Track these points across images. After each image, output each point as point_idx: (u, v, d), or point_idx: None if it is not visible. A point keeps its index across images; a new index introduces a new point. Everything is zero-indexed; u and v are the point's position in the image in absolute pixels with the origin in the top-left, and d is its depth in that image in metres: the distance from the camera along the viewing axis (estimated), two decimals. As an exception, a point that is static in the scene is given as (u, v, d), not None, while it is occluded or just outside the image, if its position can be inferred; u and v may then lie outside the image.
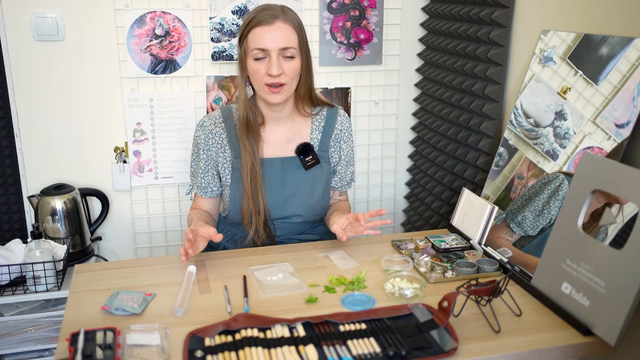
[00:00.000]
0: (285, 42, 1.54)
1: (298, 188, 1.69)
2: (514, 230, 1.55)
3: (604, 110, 1.41)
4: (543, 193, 1.52)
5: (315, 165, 1.70)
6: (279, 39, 1.54)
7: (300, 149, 1.69)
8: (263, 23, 1.54)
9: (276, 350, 1.14)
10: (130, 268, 1.52)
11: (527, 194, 1.58)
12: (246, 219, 1.67)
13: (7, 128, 2.09)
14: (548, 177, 1.54)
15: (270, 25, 1.53)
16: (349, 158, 1.78)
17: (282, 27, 1.54)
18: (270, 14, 1.54)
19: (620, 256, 1.15)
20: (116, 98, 2.18)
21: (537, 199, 1.53)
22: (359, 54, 2.33)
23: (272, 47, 1.54)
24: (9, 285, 1.91)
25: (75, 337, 1.14)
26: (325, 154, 1.73)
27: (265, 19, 1.54)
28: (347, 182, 1.81)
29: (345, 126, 1.75)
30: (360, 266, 1.53)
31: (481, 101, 1.92)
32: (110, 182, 2.25)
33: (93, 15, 2.09)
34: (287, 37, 1.55)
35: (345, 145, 1.76)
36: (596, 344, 1.19)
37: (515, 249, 1.55)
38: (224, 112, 1.71)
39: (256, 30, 1.54)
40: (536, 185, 1.56)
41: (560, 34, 1.58)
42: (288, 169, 1.69)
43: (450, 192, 2.13)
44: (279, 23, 1.54)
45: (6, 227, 2.15)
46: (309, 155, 1.69)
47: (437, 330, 1.19)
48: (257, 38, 1.54)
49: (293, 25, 1.57)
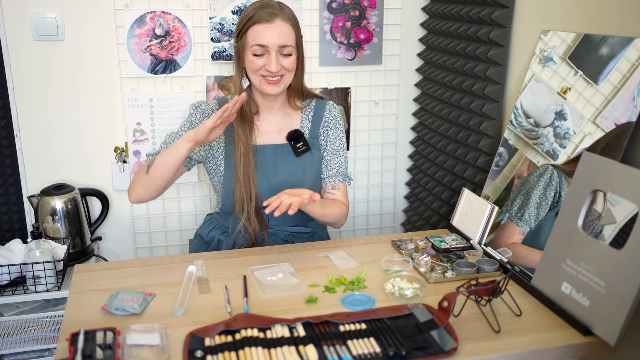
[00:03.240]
0: (284, 40, 1.61)
1: (289, 174, 1.72)
2: (522, 227, 1.54)
3: (604, 110, 1.41)
4: (539, 186, 1.54)
5: (306, 152, 1.75)
6: (279, 36, 1.60)
7: (291, 135, 1.75)
8: (263, 21, 1.60)
9: (276, 350, 1.14)
10: (130, 268, 1.52)
11: (524, 190, 1.59)
12: (238, 206, 1.70)
13: (7, 128, 2.09)
14: (539, 170, 1.56)
15: (270, 23, 1.60)
16: (337, 147, 1.79)
17: (281, 25, 1.61)
18: (270, 12, 1.61)
19: (620, 256, 1.15)
20: (116, 98, 2.18)
21: (535, 193, 1.54)
22: (359, 54, 2.33)
23: (272, 45, 1.60)
24: (9, 285, 1.91)
25: (75, 337, 1.14)
26: (316, 141, 1.78)
27: (265, 16, 1.60)
28: (335, 173, 1.78)
29: (333, 114, 1.80)
30: (360, 266, 1.53)
31: (481, 101, 1.92)
32: (110, 182, 2.25)
33: (93, 15, 2.09)
34: (285, 35, 1.61)
35: (332, 132, 1.79)
36: (596, 344, 1.19)
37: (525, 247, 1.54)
38: (220, 101, 1.79)
39: (256, 28, 1.61)
40: (531, 180, 1.58)
41: (560, 34, 1.58)
42: (280, 156, 1.73)
43: (450, 192, 2.13)
44: (278, 21, 1.61)
45: (6, 227, 2.15)
46: (299, 141, 1.75)
47: (437, 330, 1.19)
48: (257, 35, 1.61)
49: (291, 22, 1.64)
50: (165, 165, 1.60)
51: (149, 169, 1.62)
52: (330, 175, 1.79)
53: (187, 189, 2.31)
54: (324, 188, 1.80)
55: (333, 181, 1.79)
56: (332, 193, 1.79)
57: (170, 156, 1.59)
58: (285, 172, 1.72)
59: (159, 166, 1.60)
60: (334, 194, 1.79)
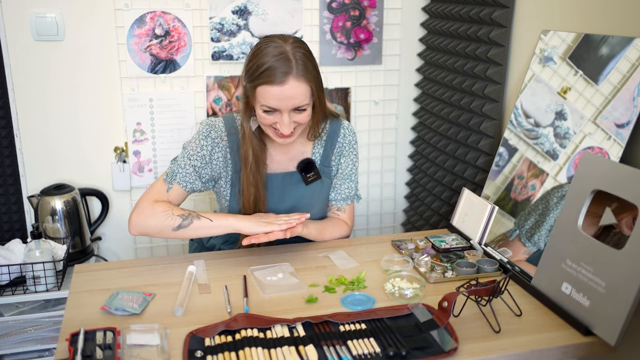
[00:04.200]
0: (298, 102, 1.45)
1: (297, 202, 1.65)
2: (528, 248, 1.50)
3: (604, 110, 1.41)
4: (557, 209, 1.45)
5: (316, 180, 1.67)
6: (292, 100, 1.44)
7: (303, 166, 1.64)
8: (274, 82, 1.41)
9: (276, 351, 1.14)
10: (130, 268, 1.52)
11: (540, 208, 1.51)
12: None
13: (7, 128, 2.09)
14: (561, 191, 1.47)
15: (281, 85, 1.41)
16: (348, 172, 1.71)
17: (294, 86, 1.42)
18: (283, 72, 1.41)
19: (620, 256, 1.15)
20: (116, 98, 2.18)
21: (551, 216, 1.46)
22: (359, 53, 2.33)
23: (284, 108, 1.45)
24: (9, 285, 1.91)
25: (75, 337, 1.14)
26: (327, 169, 1.68)
27: (278, 77, 1.41)
28: (342, 197, 1.71)
29: (347, 140, 1.68)
30: (360, 266, 1.53)
31: (481, 101, 1.92)
32: (110, 182, 2.25)
33: (93, 15, 2.09)
34: (300, 96, 1.44)
35: (344, 159, 1.69)
36: (596, 344, 1.19)
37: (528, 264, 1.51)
38: (227, 124, 1.60)
39: (266, 89, 1.43)
40: (550, 202, 1.49)
41: (560, 34, 1.58)
42: (289, 184, 1.65)
43: (450, 192, 2.13)
44: (291, 81, 1.42)
45: (6, 227, 2.15)
46: (310, 171, 1.64)
47: (437, 330, 1.19)
48: (267, 97, 1.44)
49: (306, 78, 1.44)
50: (202, 236, 1.53)
51: (180, 229, 1.49)
52: (338, 199, 1.72)
53: (187, 189, 2.31)
54: (329, 209, 1.74)
55: (340, 204, 1.73)
56: (336, 214, 1.74)
57: (210, 233, 1.52)
58: (292, 200, 1.65)
59: (195, 234, 1.52)
60: (339, 215, 1.73)
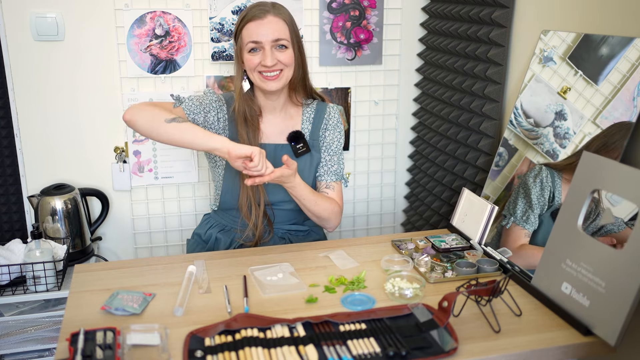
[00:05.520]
0: (276, 34, 1.64)
1: None
2: (527, 230, 1.54)
3: (604, 110, 1.41)
4: (535, 187, 1.55)
5: (306, 153, 1.76)
6: (271, 31, 1.64)
7: (292, 136, 1.76)
8: (255, 18, 1.65)
9: (276, 350, 1.14)
10: (130, 268, 1.52)
11: (522, 191, 1.59)
12: (244, 210, 1.71)
13: (7, 128, 2.09)
14: (534, 171, 1.58)
15: (262, 19, 1.64)
16: (334, 148, 1.80)
17: (273, 20, 1.65)
18: (262, 9, 1.66)
19: (620, 256, 1.16)
20: (116, 98, 2.18)
21: (533, 194, 1.55)
22: (359, 54, 2.33)
23: (265, 40, 1.63)
24: (9, 285, 1.91)
25: (75, 337, 1.14)
26: (316, 143, 1.79)
27: (257, 13, 1.65)
28: (328, 171, 1.79)
29: (333, 116, 1.81)
30: (360, 266, 1.53)
31: (481, 101, 1.92)
32: (110, 182, 2.25)
33: (93, 15, 2.09)
34: (278, 30, 1.65)
35: (329, 133, 1.80)
36: (596, 344, 1.19)
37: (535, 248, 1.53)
38: (226, 98, 1.78)
39: (249, 25, 1.65)
40: (528, 182, 1.58)
41: (560, 34, 1.58)
42: (280, 155, 1.70)
43: (450, 192, 2.13)
44: (270, 17, 1.65)
45: (6, 227, 2.15)
46: (299, 142, 1.76)
47: (437, 330, 1.19)
48: (250, 32, 1.65)
49: (284, 18, 1.67)
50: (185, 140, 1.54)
51: (173, 122, 1.54)
52: (323, 174, 1.79)
53: (187, 189, 2.31)
54: (318, 187, 1.80)
55: (327, 179, 1.79)
56: (325, 192, 1.79)
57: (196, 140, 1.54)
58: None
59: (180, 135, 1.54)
60: (328, 193, 1.78)
